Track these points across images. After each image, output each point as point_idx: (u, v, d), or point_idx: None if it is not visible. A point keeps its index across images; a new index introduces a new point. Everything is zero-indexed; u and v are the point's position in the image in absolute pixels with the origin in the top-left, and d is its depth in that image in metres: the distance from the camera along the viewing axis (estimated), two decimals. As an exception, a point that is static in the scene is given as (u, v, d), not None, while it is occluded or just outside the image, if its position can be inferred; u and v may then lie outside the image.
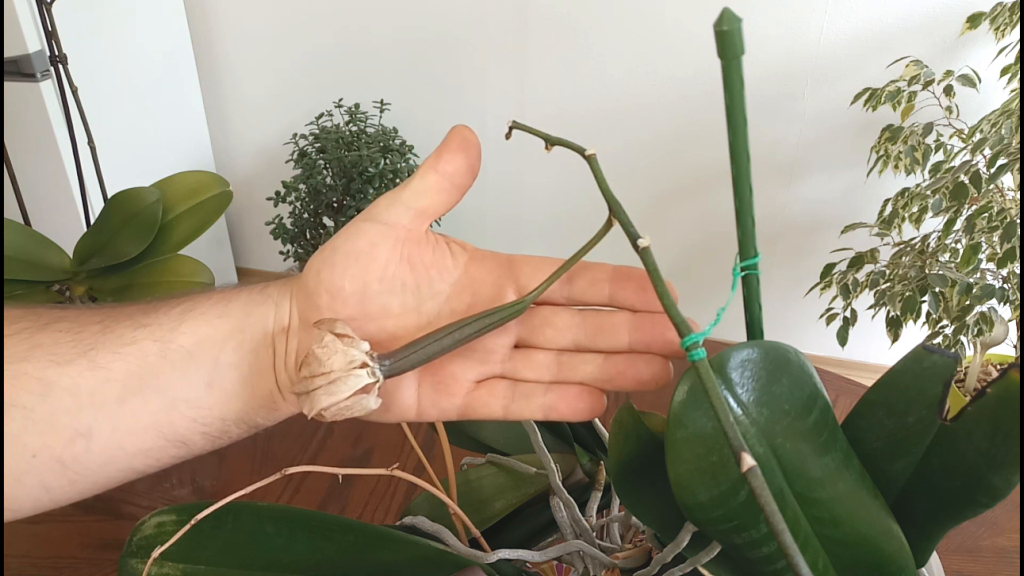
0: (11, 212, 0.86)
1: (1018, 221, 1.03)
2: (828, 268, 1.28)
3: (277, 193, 1.53)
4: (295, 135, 1.58)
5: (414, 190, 0.30)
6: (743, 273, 0.27)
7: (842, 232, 1.30)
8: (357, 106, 1.58)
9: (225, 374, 0.30)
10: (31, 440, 0.28)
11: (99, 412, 0.28)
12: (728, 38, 0.22)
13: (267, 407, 0.31)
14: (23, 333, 0.29)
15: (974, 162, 1.08)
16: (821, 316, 1.28)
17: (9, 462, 0.28)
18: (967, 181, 1.07)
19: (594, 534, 0.37)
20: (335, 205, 1.53)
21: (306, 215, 1.55)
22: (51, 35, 0.84)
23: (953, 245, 1.15)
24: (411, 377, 0.31)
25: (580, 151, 0.29)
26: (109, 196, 0.73)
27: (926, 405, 0.27)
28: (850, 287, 1.22)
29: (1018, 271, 1.08)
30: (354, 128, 1.55)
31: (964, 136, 1.21)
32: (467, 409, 0.31)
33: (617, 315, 0.30)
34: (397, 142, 1.56)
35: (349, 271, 0.30)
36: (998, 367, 1.39)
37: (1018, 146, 1.03)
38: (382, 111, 1.60)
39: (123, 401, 0.29)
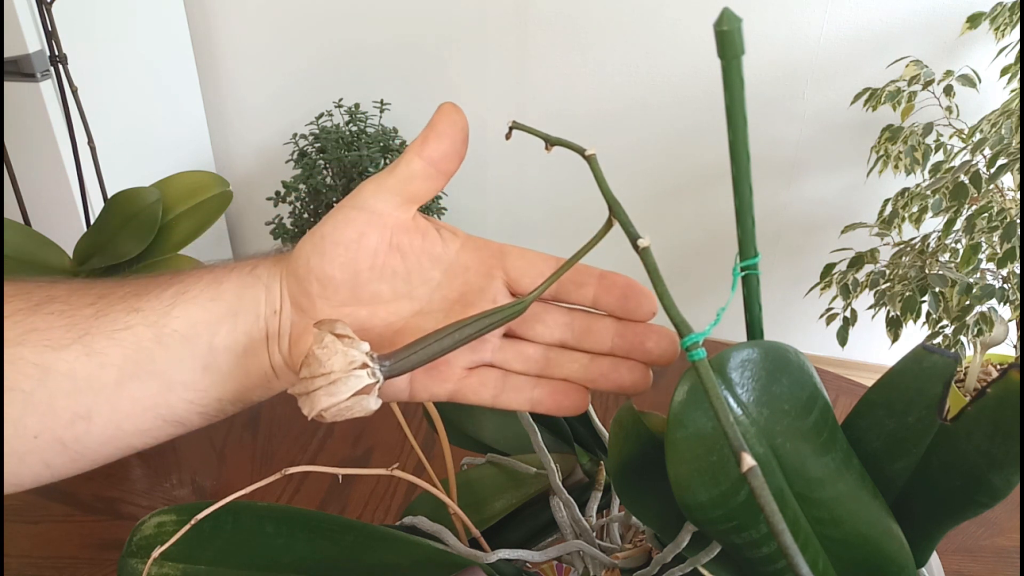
0: (11, 212, 0.86)
1: (1018, 221, 1.03)
2: (828, 268, 1.27)
3: (277, 193, 1.53)
4: (295, 135, 1.58)
5: (399, 177, 0.30)
6: (743, 273, 0.27)
7: (842, 232, 1.30)
8: (357, 106, 1.58)
9: (220, 357, 0.30)
10: (32, 422, 0.28)
11: (98, 396, 0.29)
12: (728, 38, 0.22)
13: (262, 386, 0.31)
14: (16, 315, 0.29)
15: (974, 162, 1.08)
16: (821, 316, 1.28)
17: (11, 443, 0.28)
18: (967, 181, 1.07)
19: (594, 534, 0.37)
20: (335, 205, 1.53)
21: (306, 215, 1.55)
22: (51, 35, 0.84)
23: (953, 245, 1.15)
24: None
25: (580, 151, 0.29)
26: (109, 196, 0.73)
27: (926, 405, 0.27)
28: (850, 287, 1.21)
29: (1018, 271, 1.08)
30: (354, 128, 1.55)
31: (964, 136, 1.21)
32: (457, 394, 0.31)
33: (604, 320, 0.31)
34: (397, 142, 1.56)
35: (339, 260, 0.30)
36: (998, 367, 1.39)
37: (1018, 146, 1.03)
38: (382, 111, 1.59)
39: (121, 385, 0.29)
